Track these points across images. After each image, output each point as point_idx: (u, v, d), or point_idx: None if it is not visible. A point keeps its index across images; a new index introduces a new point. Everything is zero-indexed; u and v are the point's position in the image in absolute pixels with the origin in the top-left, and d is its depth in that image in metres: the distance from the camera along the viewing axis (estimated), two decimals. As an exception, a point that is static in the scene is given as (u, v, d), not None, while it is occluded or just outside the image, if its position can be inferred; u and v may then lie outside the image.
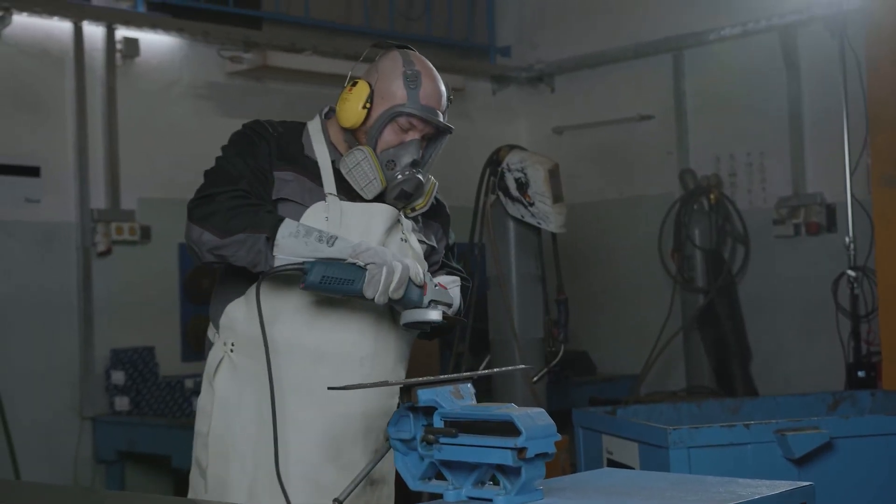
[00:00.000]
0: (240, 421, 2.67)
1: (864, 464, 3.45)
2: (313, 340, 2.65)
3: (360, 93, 2.66)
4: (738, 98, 7.14)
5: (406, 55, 2.74)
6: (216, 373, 2.69)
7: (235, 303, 2.66)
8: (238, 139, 2.74)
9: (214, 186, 2.61)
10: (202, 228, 2.56)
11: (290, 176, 2.68)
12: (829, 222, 6.72)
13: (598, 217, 7.64)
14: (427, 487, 2.54)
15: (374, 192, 2.69)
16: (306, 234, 2.50)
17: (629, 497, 2.40)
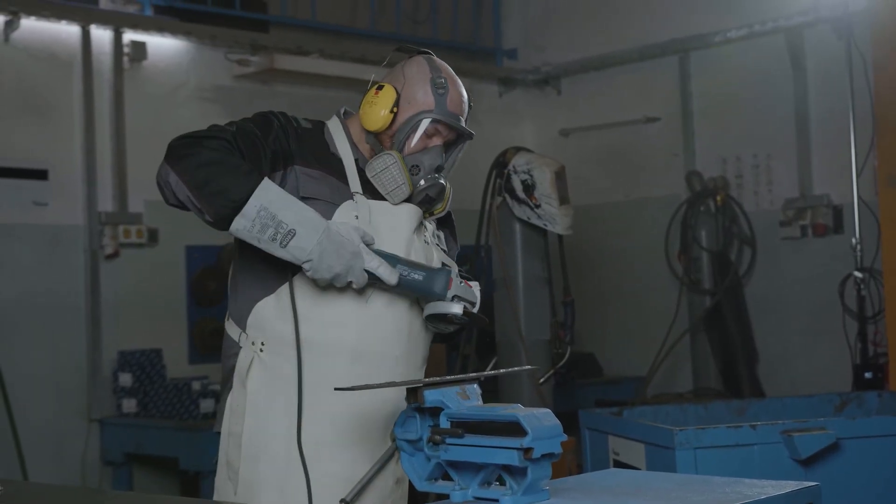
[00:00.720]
0: (271, 422, 2.62)
1: (871, 465, 3.45)
2: (351, 340, 2.62)
3: (387, 97, 2.65)
4: (744, 100, 7.14)
5: (431, 61, 2.74)
6: (248, 373, 2.64)
7: (265, 301, 2.62)
8: (256, 116, 2.67)
9: (203, 130, 2.53)
10: (174, 173, 2.45)
11: (318, 174, 2.64)
12: (835, 224, 6.72)
13: (604, 219, 7.64)
14: (433, 488, 2.54)
15: (401, 196, 2.68)
16: (262, 228, 2.45)
17: (635, 498, 2.41)
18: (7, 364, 5.81)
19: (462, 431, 2.42)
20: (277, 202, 2.45)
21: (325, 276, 2.52)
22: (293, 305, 2.57)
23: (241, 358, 2.64)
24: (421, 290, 2.65)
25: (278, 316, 2.61)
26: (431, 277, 2.64)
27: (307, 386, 2.60)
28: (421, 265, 2.66)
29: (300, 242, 2.46)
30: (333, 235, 2.50)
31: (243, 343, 2.64)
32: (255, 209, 2.43)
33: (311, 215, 2.49)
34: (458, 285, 2.66)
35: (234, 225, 2.45)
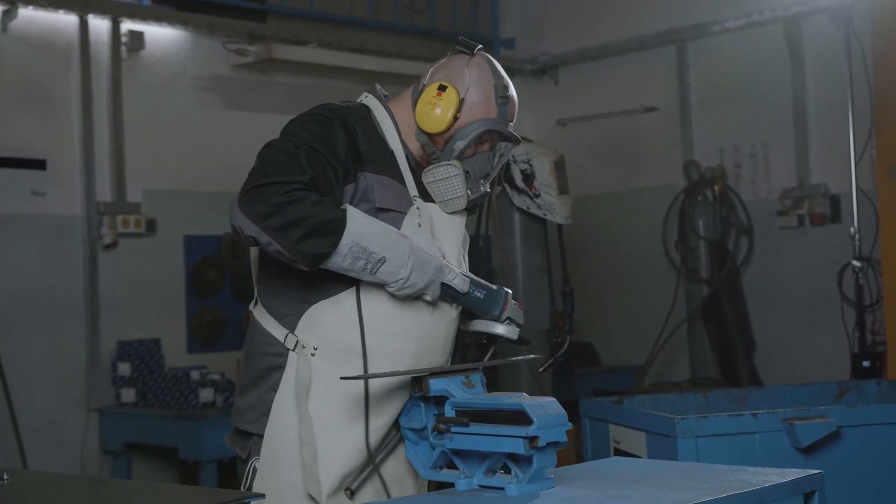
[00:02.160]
0: (337, 431, 2.58)
1: (871, 452, 3.47)
2: (412, 349, 2.61)
3: (451, 101, 2.61)
4: (742, 89, 7.15)
5: (493, 65, 2.70)
6: (311, 381, 2.56)
7: (321, 305, 2.58)
8: (314, 127, 2.55)
9: (278, 175, 2.42)
10: (264, 233, 2.40)
11: (387, 181, 2.61)
12: (833, 213, 6.74)
13: (602, 209, 7.65)
14: (438, 476, 2.55)
15: (456, 207, 2.66)
16: (353, 261, 2.45)
17: (639, 485, 2.42)
18: (6, 354, 5.81)
19: (467, 420, 2.43)
20: (366, 234, 2.45)
21: (409, 292, 2.54)
22: (360, 314, 2.55)
23: (291, 361, 2.58)
24: (479, 307, 2.68)
25: (337, 321, 2.57)
26: (492, 297, 2.67)
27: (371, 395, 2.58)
28: (482, 283, 2.67)
29: (390, 267, 2.48)
30: (418, 253, 2.52)
31: (290, 345, 2.59)
32: (346, 247, 2.43)
33: (396, 239, 2.49)
34: (512, 307, 2.69)
35: (326, 264, 2.45)
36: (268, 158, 2.48)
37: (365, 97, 2.74)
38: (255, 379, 2.65)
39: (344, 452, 2.57)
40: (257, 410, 2.63)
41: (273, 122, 7.40)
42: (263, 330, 2.64)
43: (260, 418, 2.62)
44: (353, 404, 2.57)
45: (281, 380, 2.60)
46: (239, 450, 2.69)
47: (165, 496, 2.39)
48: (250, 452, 2.65)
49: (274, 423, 2.59)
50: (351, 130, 2.58)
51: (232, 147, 6.72)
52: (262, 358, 2.64)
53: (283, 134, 2.57)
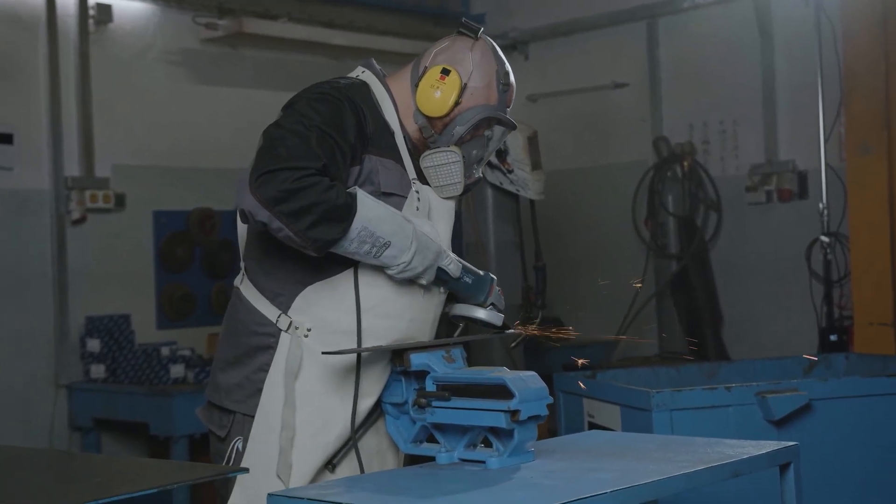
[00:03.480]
0: (328, 414, 2.58)
1: (842, 424, 3.53)
2: (402, 330, 2.61)
3: (454, 85, 2.60)
4: (711, 66, 7.18)
5: (495, 49, 2.69)
6: (301, 363, 2.56)
7: (318, 287, 2.57)
8: (323, 107, 2.51)
9: (290, 160, 2.39)
10: (276, 218, 2.37)
11: (391, 164, 2.60)
12: (800, 189, 6.79)
13: (571, 185, 7.67)
14: (418, 450, 2.57)
15: (451, 193, 2.67)
16: (359, 244, 2.45)
17: (618, 458, 2.45)
18: (-27, 330, 5.76)
19: (448, 394, 2.45)
20: (375, 219, 2.45)
21: (408, 276, 2.54)
22: (357, 296, 2.55)
23: (283, 343, 2.57)
24: (467, 292, 2.70)
25: (333, 303, 2.57)
26: (479, 283, 2.70)
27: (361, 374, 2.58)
28: (471, 269, 2.68)
29: (393, 251, 2.48)
30: (421, 237, 2.52)
31: (283, 325, 2.58)
32: (356, 231, 2.43)
33: (402, 223, 2.49)
34: (496, 293, 2.72)
35: (334, 249, 2.45)
36: (278, 140, 2.43)
37: (362, 73, 2.70)
38: (242, 357, 2.63)
39: (335, 432, 2.58)
40: (246, 390, 2.61)
41: (242, 97, 7.40)
42: (252, 308, 2.62)
43: (249, 399, 2.60)
44: (344, 384, 2.57)
45: (272, 361, 2.58)
46: (216, 427, 2.67)
47: (151, 470, 2.38)
48: (230, 431, 2.63)
49: (265, 406, 2.58)
50: (359, 112, 2.56)
51: (201, 122, 6.69)
52: (249, 336, 2.62)
53: (289, 113, 2.52)
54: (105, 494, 1.86)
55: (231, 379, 2.63)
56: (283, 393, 2.55)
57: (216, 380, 2.68)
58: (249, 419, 2.60)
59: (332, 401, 2.57)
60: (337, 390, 2.57)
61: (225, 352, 2.68)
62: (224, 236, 6.74)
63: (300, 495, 2.14)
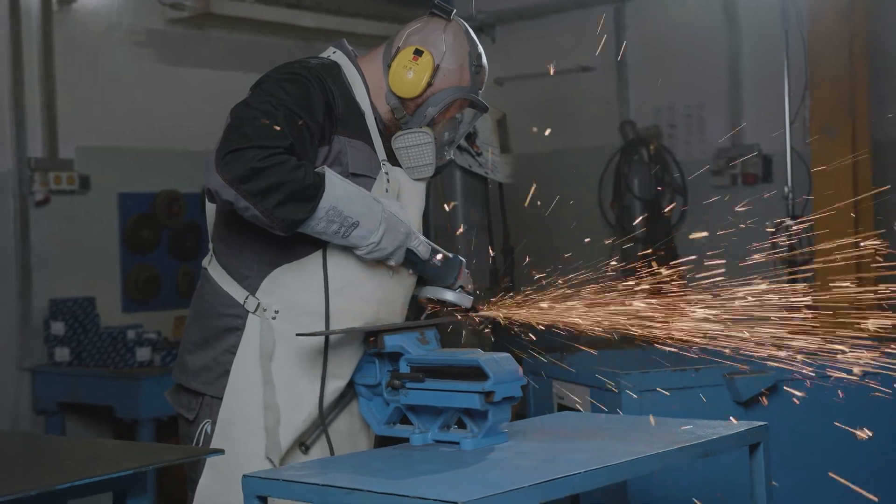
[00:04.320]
0: (302, 393, 2.58)
1: (808, 406, 3.57)
2: (372, 312, 2.62)
3: (426, 66, 2.60)
4: (677, 50, 7.21)
5: (467, 31, 2.69)
6: (275, 344, 2.55)
7: (286, 268, 2.56)
8: (291, 86, 2.51)
9: (257, 139, 2.38)
10: (241, 197, 2.37)
11: (360, 144, 2.60)
12: (765, 173, 6.85)
13: (539, 168, 7.68)
14: (392, 432, 2.58)
15: (423, 175, 2.68)
16: (327, 224, 2.44)
17: (591, 439, 2.47)
18: (-64, 313, 5.70)
19: (423, 376, 2.46)
20: (343, 198, 2.44)
21: (377, 256, 2.54)
22: (325, 277, 2.55)
23: (252, 324, 2.57)
24: (436, 274, 2.70)
25: (301, 285, 2.56)
26: (448, 266, 2.70)
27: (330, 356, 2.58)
28: (440, 250, 2.69)
29: (362, 231, 2.48)
30: (390, 218, 2.52)
31: (251, 307, 2.57)
32: (323, 211, 2.42)
33: (370, 203, 2.49)
34: (465, 276, 2.72)
35: (301, 228, 2.44)
36: (245, 119, 2.42)
37: (333, 53, 2.70)
38: (209, 338, 2.62)
39: (304, 413, 2.58)
40: (214, 372, 2.61)
41: (210, 79, 7.34)
42: (220, 289, 2.62)
43: (217, 380, 2.60)
44: (314, 365, 2.58)
45: (240, 342, 2.58)
46: (184, 409, 2.67)
47: (128, 452, 2.37)
48: (199, 413, 2.63)
49: (234, 386, 2.58)
50: (328, 92, 2.55)
51: (168, 103, 6.63)
52: (217, 318, 2.62)
53: (258, 92, 2.52)
54: (80, 476, 1.85)
55: (199, 361, 2.63)
56: (261, 375, 2.55)
57: (184, 362, 2.68)
58: (218, 401, 2.60)
59: (301, 383, 2.57)
60: (306, 372, 2.58)
61: (193, 333, 2.68)
62: (191, 218, 6.70)
63: (276, 476, 2.14)
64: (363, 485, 2.02)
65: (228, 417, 2.58)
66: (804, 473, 3.55)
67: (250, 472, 2.22)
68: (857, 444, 3.63)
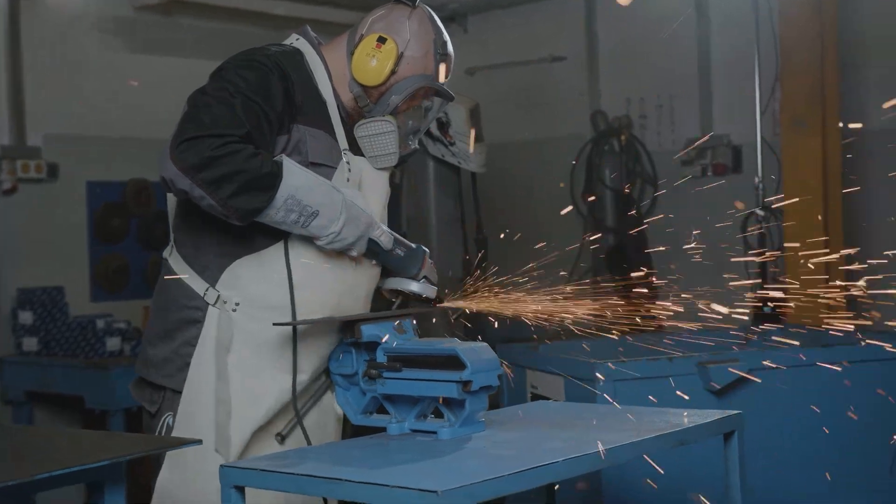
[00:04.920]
0: (259, 388, 2.55)
1: (779, 393, 3.60)
2: (332, 304, 2.59)
3: (390, 54, 2.57)
4: (648, 40, 7.22)
5: (433, 19, 2.67)
6: (232, 337, 2.53)
7: (245, 260, 2.54)
8: (250, 74, 2.48)
9: (214, 127, 2.37)
10: (196, 186, 2.35)
11: (319, 133, 2.58)
12: (735, 163, 6.89)
13: (511, 158, 7.69)
14: (369, 421, 2.58)
15: (385, 164, 2.65)
16: (286, 213, 2.42)
17: (568, 428, 2.47)
18: None
19: (400, 365, 2.46)
20: (302, 187, 2.42)
21: (338, 247, 2.52)
22: (288, 269, 2.53)
23: (211, 316, 2.54)
24: (399, 265, 2.69)
25: (262, 277, 2.54)
26: (411, 256, 2.69)
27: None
28: (403, 241, 2.68)
29: (322, 221, 2.45)
30: (351, 207, 2.50)
31: (211, 299, 2.55)
32: (282, 200, 2.40)
33: (330, 192, 2.47)
34: (429, 266, 2.71)
35: (259, 217, 2.42)
36: (202, 107, 2.40)
37: (296, 40, 2.68)
38: (170, 331, 2.60)
39: (266, 406, 2.56)
40: (174, 364, 2.58)
41: (178, 67, 7.28)
42: (180, 281, 2.59)
43: (177, 373, 2.58)
44: (276, 357, 2.55)
45: (200, 335, 2.55)
46: (146, 402, 2.64)
47: (106, 442, 2.35)
48: (161, 407, 2.61)
49: (193, 380, 2.55)
50: (287, 80, 2.53)
51: (137, 91, 6.56)
52: (178, 310, 2.59)
53: (216, 79, 2.49)
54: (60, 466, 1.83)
55: (160, 353, 2.60)
56: (215, 367, 2.52)
57: (146, 354, 2.65)
58: (178, 395, 2.57)
59: (258, 377, 2.55)
60: (266, 366, 2.55)
61: (154, 325, 2.65)
62: (160, 208, 6.63)
63: (254, 466, 2.13)
64: (341, 474, 2.02)
65: (188, 411, 2.56)
66: (774, 462, 3.58)
67: (204, 466, 2.20)
68: (827, 433, 3.67)
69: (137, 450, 2.08)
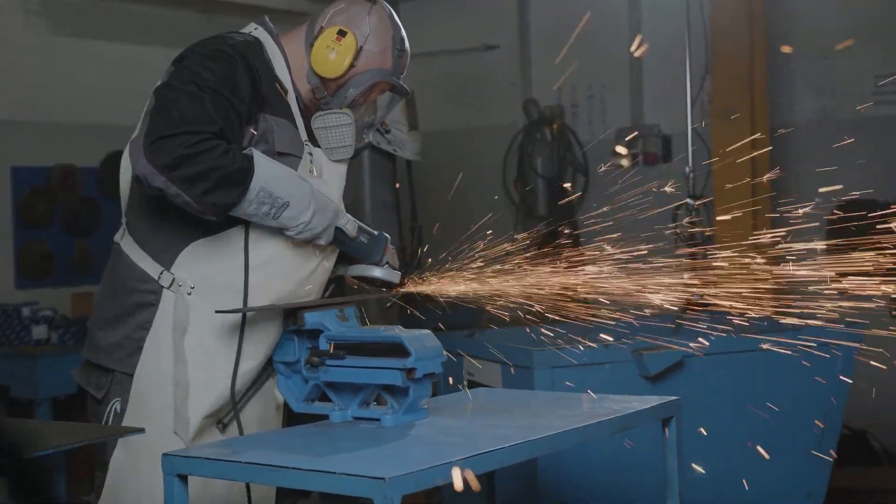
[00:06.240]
0: (218, 371, 2.53)
1: (711, 379, 3.67)
2: (288, 290, 2.59)
3: (349, 47, 2.59)
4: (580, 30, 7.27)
5: (392, 14, 2.69)
6: (188, 319, 2.51)
7: (203, 243, 2.52)
8: (216, 65, 2.46)
9: (185, 124, 2.35)
10: (172, 184, 2.34)
11: (285, 124, 2.57)
12: (664, 152, 6.98)
13: (445, 146, 7.70)
14: (311, 409, 2.57)
15: (341, 156, 2.66)
16: (258, 206, 2.42)
17: (511, 414, 2.49)
18: None
19: (343, 353, 2.45)
20: (272, 179, 2.42)
21: (307, 236, 2.52)
22: (246, 254, 2.52)
23: (166, 300, 2.52)
24: (362, 252, 2.70)
25: (220, 260, 2.53)
26: (374, 243, 2.70)
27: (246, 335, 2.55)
28: (366, 229, 2.69)
29: (292, 212, 2.46)
30: (319, 197, 2.50)
31: (165, 282, 2.53)
32: (254, 193, 2.40)
33: (299, 182, 2.47)
34: (391, 252, 2.73)
35: (233, 212, 2.42)
36: (171, 102, 2.38)
37: (255, 29, 2.67)
38: (122, 315, 2.57)
39: (215, 392, 2.55)
40: (126, 349, 2.55)
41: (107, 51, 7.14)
42: (133, 264, 2.57)
43: (129, 357, 2.55)
44: (228, 344, 2.54)
45: (154, 318, 2.53)
46: (93, 388, 2.61)
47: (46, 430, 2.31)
48: (109, 392, 2.57)
49: (146, 363, 2.53)
50: (253, 70, 2.52)
51: (63, 75, 6.44)
52: (130, 294, 2.56)
53: (181, 71, 2.46)
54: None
55: (110, 337, 2.58)
56: (172, 350, 2.51)
57: (94, 338, 2.62)
58: (129, 379, 2.55)
59: (214, 361, 2.54)
60: (221, 351, 2.54)
61: (104, 309, 2.62)
62: (88, 194, 6.54)
63: (198, 454, 2.11)
64: (288, 462, 2.01)
65: (140, 393, 2.53)
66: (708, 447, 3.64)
67: (161, 449, 2.18)
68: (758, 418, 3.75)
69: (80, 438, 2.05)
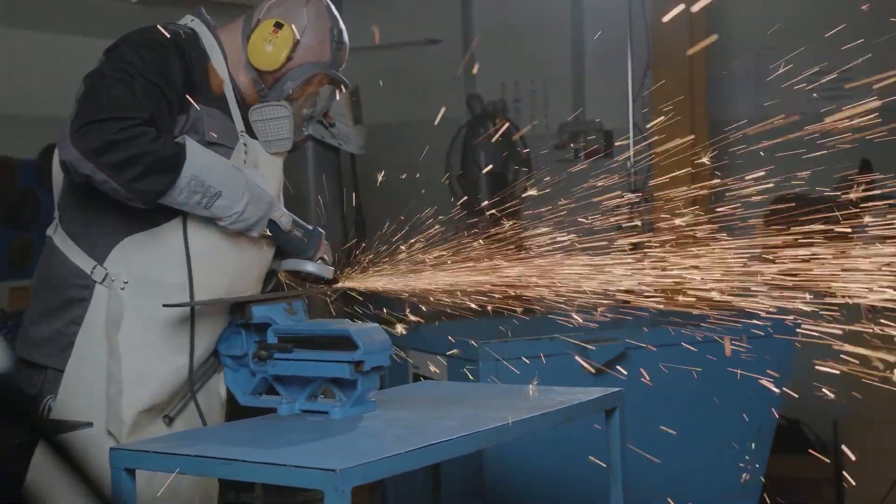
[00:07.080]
0: (153, 366, 2.52)
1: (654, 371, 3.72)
2: (225, 285, 2.58)
3: (286, 40, 2.59)
4: (523, 25, 7.32)
5: (329, 7, 2.69)
6: (123, 314, 2.48)
7: (138, 237, 2.50)
8: (148, 53, 2.45)
9: (114, 110, 2.33)
10: (99, 171, 2.32)
11: (216, 112, 2.56)
12: (606, 147, 7.04)
13: (388, 140, 7.70)
14: (258, 402, 2.57)
15: (279, 149, 2.66)
16: (189, 195, 2.40)
17: (458, 406, 2.52)
18: None
19: (291, 346, 2.46)
20: (205, 168, 2.40)
21: (240, 227, 2.51)
22: (186, 247, 2.50)
23: (99, 295, 2.50)
24: (296, 246, 2.70)
25: (154, 254, 2.51)
26: (308, 237, 2.70)
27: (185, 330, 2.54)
28: (301, 223, 2.69)
29: (225, 202, 2.45)
30: (253, 188, 2.50)
31: (98, 277, 2.51)
32: (185, 181, 2.38)
33: (233, 172, 2.46)
34: (325, 247, 2.73)
35: (163, 200, 2.40)
36: (101, 88, 2.37)
37: (191, 21, 2.66)
38: (53, 310, 2.55)
39: (155, 386, 2.53)
40: (58, 344, 2.53)
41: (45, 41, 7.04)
42: (65, 258, 2.55)
43: (61, 353, 2.53)
44: (168, 337, 2.53)
45: (86, 314, 2.52)
46: (25, 385, 2.57)
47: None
48: (42, 388, 2.55)
49: (78, 358, 2.51)
50: (186, 59, 2.52)
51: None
52: (62, 289, 2.54)
53: (113, 59, 2.46)
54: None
55: (42, 332, 2.56)
56: (106, 346, 2.50)
57: (27, 333, 2.60)
58: (61, 375, 2.53)
59: (147, 357, 2.52)
60: (155, 347, 2.53)
61: (36, 304, 2.60)
62: (26, 186, 6.44)
63: (147, 448, 2.11)
64: (238, 455, 2.01)
65: (71, 389, 2.51)
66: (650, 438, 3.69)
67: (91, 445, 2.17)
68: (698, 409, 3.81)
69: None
